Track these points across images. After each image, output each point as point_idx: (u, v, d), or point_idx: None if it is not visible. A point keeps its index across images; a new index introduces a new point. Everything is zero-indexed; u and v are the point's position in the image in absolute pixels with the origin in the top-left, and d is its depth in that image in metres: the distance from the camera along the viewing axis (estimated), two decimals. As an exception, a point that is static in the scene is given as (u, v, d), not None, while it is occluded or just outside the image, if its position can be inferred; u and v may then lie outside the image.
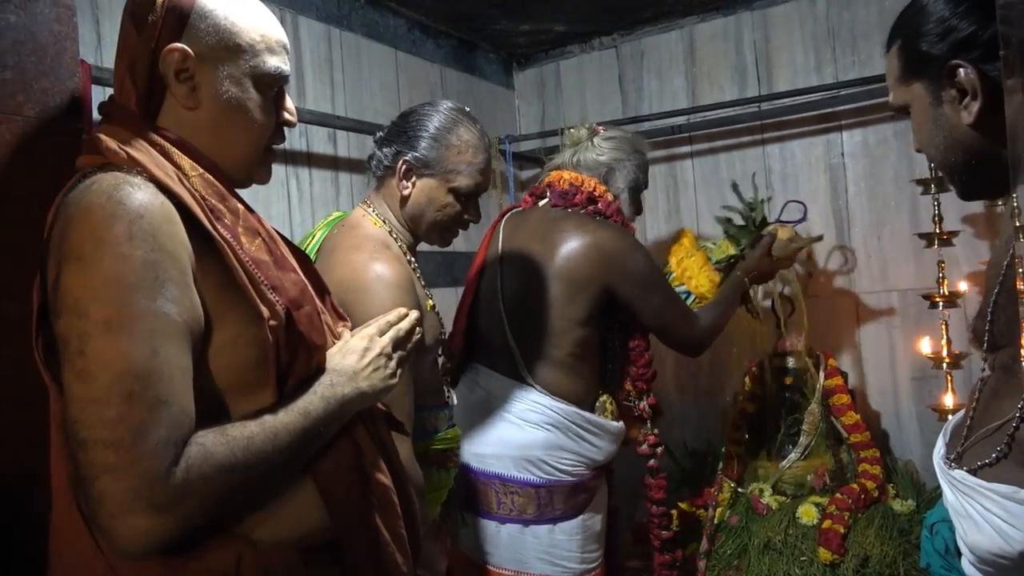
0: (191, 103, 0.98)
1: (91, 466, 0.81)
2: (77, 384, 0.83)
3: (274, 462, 0.92)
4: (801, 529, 2.18)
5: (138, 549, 0.83)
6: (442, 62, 2.88)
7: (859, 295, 2.63)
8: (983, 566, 0.97)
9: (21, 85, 1.09)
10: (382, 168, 1.62)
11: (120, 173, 0.89)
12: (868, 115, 2.58)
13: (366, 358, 1.06)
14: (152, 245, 0.85)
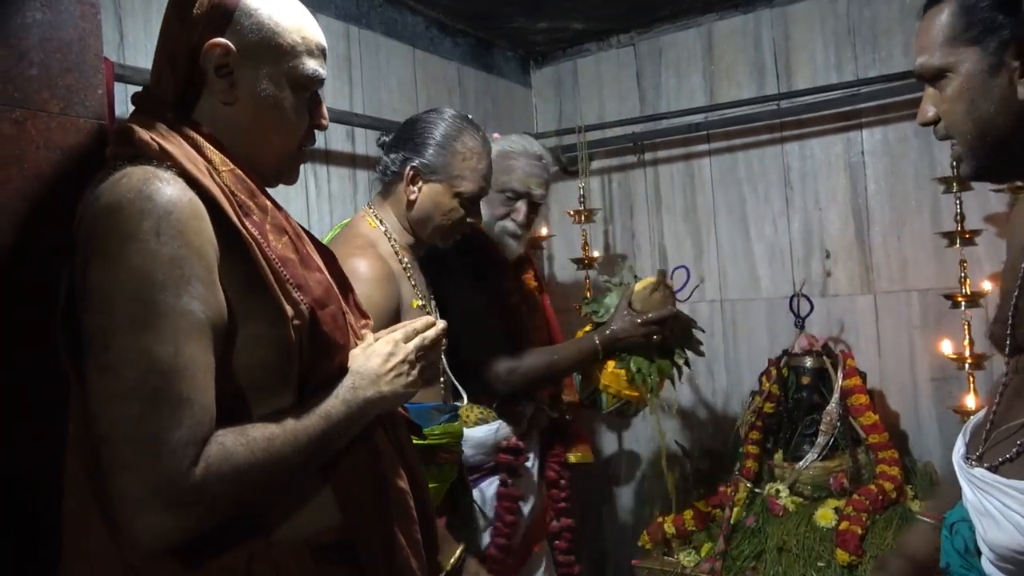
0: (229, 99, 0.99)
1: (111, 462, 0.82)
2: (101, 379, 0.83)
3: (293, 464, 0.93)
4: (818, 532, 2.16)
5: (154, 546, 0.83)
6: (460, 60, 2.89)
7: (878, 295, 2.61)
8: (1003, 564, 0.96)
9: (46, 81, 1.10)
10: (389, 174, 1.71)
11: (150, 167, 0.90)
12: (889, 113, 2.55)
13: (390, 363, 1.06)
14: (180, 242, 0.86)
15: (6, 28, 1.06)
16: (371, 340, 1.12)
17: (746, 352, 2.84)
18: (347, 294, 1.16)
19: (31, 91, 1.08)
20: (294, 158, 1.08)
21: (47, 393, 1.02)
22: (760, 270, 2.80)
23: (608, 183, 3.14)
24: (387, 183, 1.72)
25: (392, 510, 1.04)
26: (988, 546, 0.97)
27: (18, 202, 1.05)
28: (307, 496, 0.99)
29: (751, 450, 2.44)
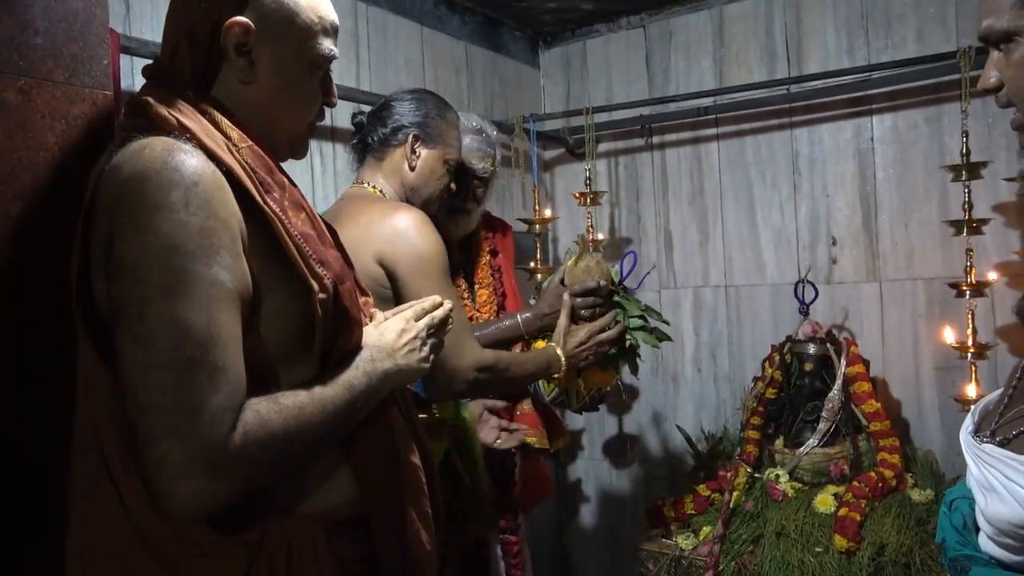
0: (248, 78, 0.99)
1: (151, 430, 0.82)
2: (136, 349, 0.84)
3: (322, 431, 0.94)
4: (817, 517, 2.17)
5: (195, 512, 0.85)
6: (467, 39, 2.87)
7: (884, 283, 2.60)
8: (1003, 538, 0.96)
9: (51, 50, 1.10)
10: (377, 143, 1.76)
11: (170, 139, 0.90)
12: (899, 99, 2.53)
13: (403, 338, 1.09)
14: (207, 212, 0.86)
15: (11, -4, 1.05)
16: (381, 318, 1.14)
17: (750, 338, 2.84)
18: (352, 271, 1.17)
19: (36, 60, 1.08)
20: (305, 135, 1.09)
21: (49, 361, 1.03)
22: (766, 256, 2.79)
23: (615, 166, 3.12)
24: (376, 153, 1.76)
25: (405, 485, 1.06)
26: (989, 521, 0.98)
27: (23, 171, 1.05)
28: (324, 471, 1.00)
29: (752, 435, 2.44)
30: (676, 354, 3.00)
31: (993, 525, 0.97)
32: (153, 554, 0.88)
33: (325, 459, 1.00)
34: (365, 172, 1.78)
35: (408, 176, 1.75)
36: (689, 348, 2.97)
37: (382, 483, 1.03)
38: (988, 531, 0.99)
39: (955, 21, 2.43)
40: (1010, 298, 2.32)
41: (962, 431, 1.06)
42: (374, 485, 1.02)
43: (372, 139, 1.76)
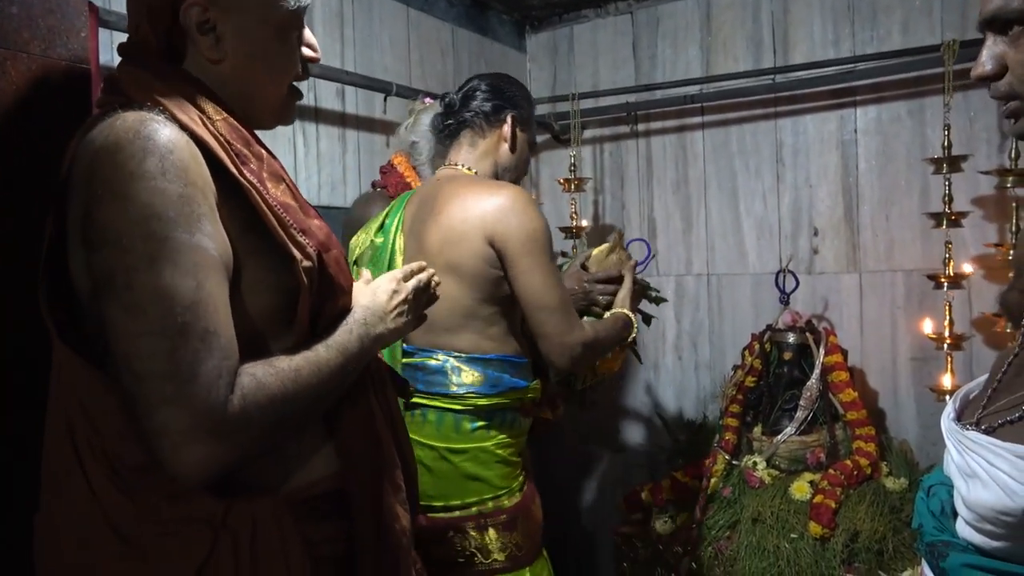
0: (216, 55, 0.97)
1: (149, 398, 0.81)
2: (127, 318, 0.82)
3: (318, 394, 0.94)
4: (793, 504, 2.20)
5: (199, 477, 0.84)
6: (454, 21, 2.84)
7: (864, 274, 2.62)
8: (983, 524, 0.97)
9: (27, 21, 1.07)
10: (479, 123, 1.77)
11: (143, 111, 0.88)
12: (883, 91, 2.54)
13: (394, 300, 1.10)
14: (185, 180, 0.85)
15: (-14, -36, 1.02)
16: (368, 276, 1.15)
17: (730, 326, 2.86)
18: None
19: (11, 30, 1.05)
20: (289, 98, 1.07)
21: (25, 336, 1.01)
22: (748, 245, 2.81)
23: (600, 152, 3.12)
24: (472, 133, 1.78)
25: (384, 464, 1.06)
26: (971, 507, 0.98)
27: (-3, 144, 1.03)
28: (306, 443, 1.00)
29: (731, 423, 2.46)
30: (657, 341, 3.01)
31: (974, 511, 0.97)
32: (119, 535, 0.87)
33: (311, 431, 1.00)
34: (456, 153, 1.79)
35: (504, 157, 1.79)
36: (670, 336, 2.99)
37: (362, 458, 1.03)
38: (968, 517, 0.99)
39: (940, 14, 2.44)
40: (987, 290, 2.35)
41: (944, 418, 1.06)
42: (354, 460, 1.02)
43: (471, 118, 1.77)
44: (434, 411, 1.63)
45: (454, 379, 1.63)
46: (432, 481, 1.60)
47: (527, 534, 1.67)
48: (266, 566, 0.91)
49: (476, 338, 1.65)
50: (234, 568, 0.89)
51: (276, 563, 0.91)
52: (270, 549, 0.91)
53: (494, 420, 1.65)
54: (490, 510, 1.62)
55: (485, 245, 1.58)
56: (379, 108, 2.46)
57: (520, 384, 1.68)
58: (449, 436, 1.62)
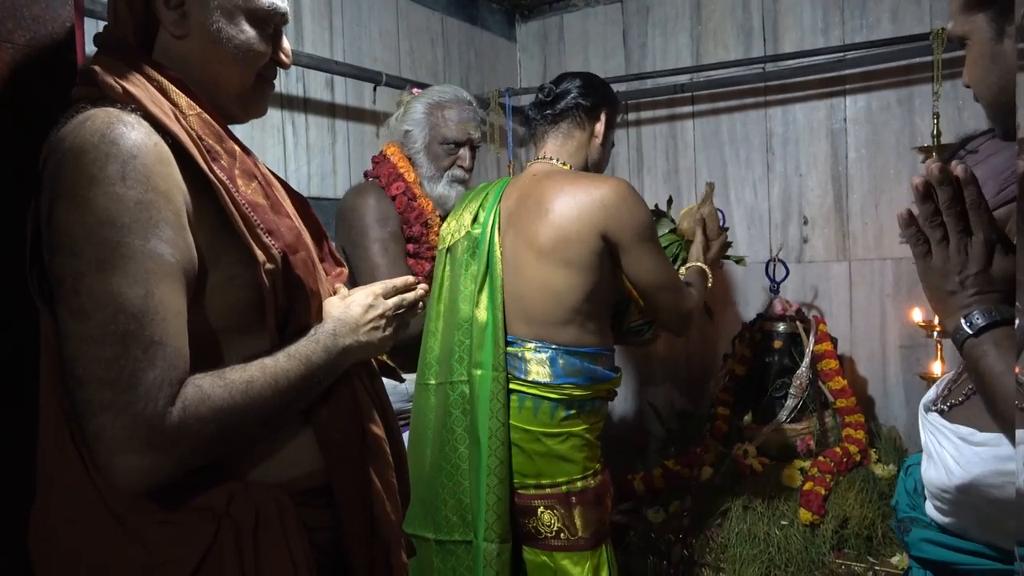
0: (180, 31, 0.96)
1: (88, 404, 0.81)
2: (72, 323, 0.82)
3: (273, 406, 0.92)
4: (783, 491, 2.22)
5: (134, 487, 0.83)
6: (444, 11, 2.83)
7: (854, 262, 2.64)
8: (934, 501, 1.04)
9: (11, 10, 1.06)
10: (580, 117, 1.86)
11: (114, 110, 0.88)
12: (873, 80, 2.55)
13: (369, 314, 1.07)
14: (146, 186, 0.84)
15: (-32, -48, 1.01)
16: (346, 292, 1.12)
17: (721, 315, 2.87)
18: (322, 241, 1.15)
19: (-5, 20, 1.04)
20: (256, 90, 1.05)
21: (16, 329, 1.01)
22: (738, 234, 2.81)
23: (590, 142, 3.11)
24: (567, 127, 1.87)
25: (369, 455, 1.05)
26: (926, 485, 1.04)
27: (-18, 136, 1.02)
28: (289, 440, 0.99)
29: (722, 411, 2.48)
30: (648, 331, 3.02)
31: (928, 489, 1.04)
32: (120, 523, 0.87)
33: (289, 429, 0.99)
34: (548, 147, 1.88)
35: (595, 152, 1.89)
36: (661, 325, 3.00)
37: (346, 452, 1.02)
38: (927, 494, 1.06)
39: (929, 3, 2.44)
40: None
41: (922, 400, 1.11)
42: (337, 454, 1.01)
43: (569, 113, 1.86)
44: (531, 398, 1.73)
45: (553, 370, 1.72)
46: (526, 461, 1.72)
47: (603, 512, 1.80)
48: (268, 554, 0.91)
49: (577, 332, 1.74)
50: (237, 557, 0.89)
51: (279, 551, 0.92)
52: (272, 538, 0.92)
53: (584, 408, 1.76)
54: (578, 489, 1.74)
55: (599, 239, 1.68)
56: (369, 98, 2.45)
57: (610, 375, 1.81)
58: (544, 422, 1.73)
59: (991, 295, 0.86)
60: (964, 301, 0.86)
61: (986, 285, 0.86)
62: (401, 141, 2.13)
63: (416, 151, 2.10)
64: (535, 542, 1.75)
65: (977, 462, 0.93)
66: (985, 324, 0.84)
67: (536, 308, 1.73)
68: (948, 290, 0.88)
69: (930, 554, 1.05)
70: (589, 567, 1.74)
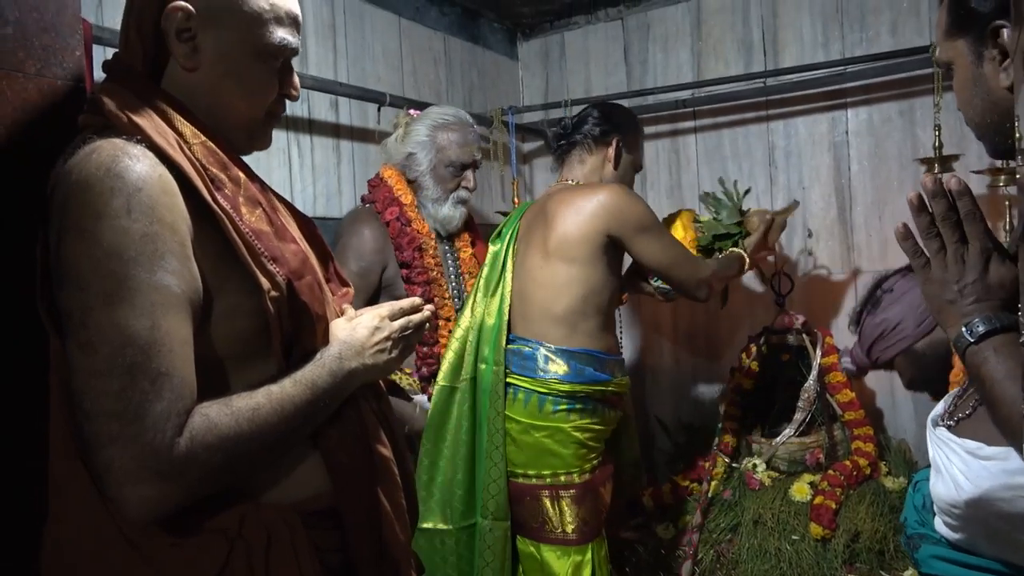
0: (190, 64, 0.97)
1: (96, 436, 0.82)
2: (81, 356, 0.83)
3: (280, 432, 0.93)
4: (794, 506, 2.20)
5: (143, 517, 0.84)
6: (446, 30, 2.85)
7: (858, 274, 2.63)
8: (944, 516, 1.04)
9: (22, 41, 1.07)
10: (589, 144, 2.06)
11: (119, 141, 0.89)
12: (874, 93, 2.56)
13: (375, 336, 1.07)
14: (151, 218, 0.85)
15: (-20, -15, 1.03)
16: (352, 314, 1.12)
17: (727, 329, 2.87)
18: (327, 262, 1.16)
19: (6, 51, 1.05)
20: (263, 124, 1.06)
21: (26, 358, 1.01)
22: (743, 248, 2.81)
23: (593, 158, 3.12)
24: (582, 153, 2.07)
25: (377, 477, 1.05)
26: (934, 500, 1.04)
27: (-7, 165, 1.03)
28: (298, 463, 0.99)
29: (729, 425, 2.47)
30: (654, 345, 3.02)
31: (937, 504, 1.03)
32: (133, 545, 0.88)
33: (301, 451, 1.00)
34: (567, 171, 2.10)
35: (608, 174, 2.06)
36: (667, 339, 3.00)
37: (353, 475, 1.03)
38: (936, 510, 1.05)
39: (928, 15, 2.46)
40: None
41: (930, 415, 1.11)
42: (345, 476, 1.02)
43: (581, 140, 2.06)
44: (524, 391, 1.88)
45: (542, 365, 1.88)
46: (517, 451, 1.88)
47: (593, 511, 1.89)
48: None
49: (569, 332, 1.90)
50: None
51: (290, 573, 0.92)
52: (284, 559, 0.92)
53: (575, 406, 1.87)
54: (562, 483, 1.85)
55: (604, 237, 1.87)
56: (373, 119, 2.47)
57: (601, 377, 1.90)
58: (534, 414, 1.87)
59: (990, 302, 0.87)
60: (964, 309, 0.89)
61: (984, 293, 0.87)
62: (403, 164, 2.15)
63: (421, 173, 2.12)
64: (523, 530, 1.89)
65: (986, 476, 0.93)
66: (985, 331, 0.86)
67: (535, 307, 1.92)
68: (947, 299, 0.90)
69: (940, 571, 1.05)
70: (571, 563, 1.84)
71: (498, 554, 1.84)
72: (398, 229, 2.08)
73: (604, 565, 1.90)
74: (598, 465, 1.92)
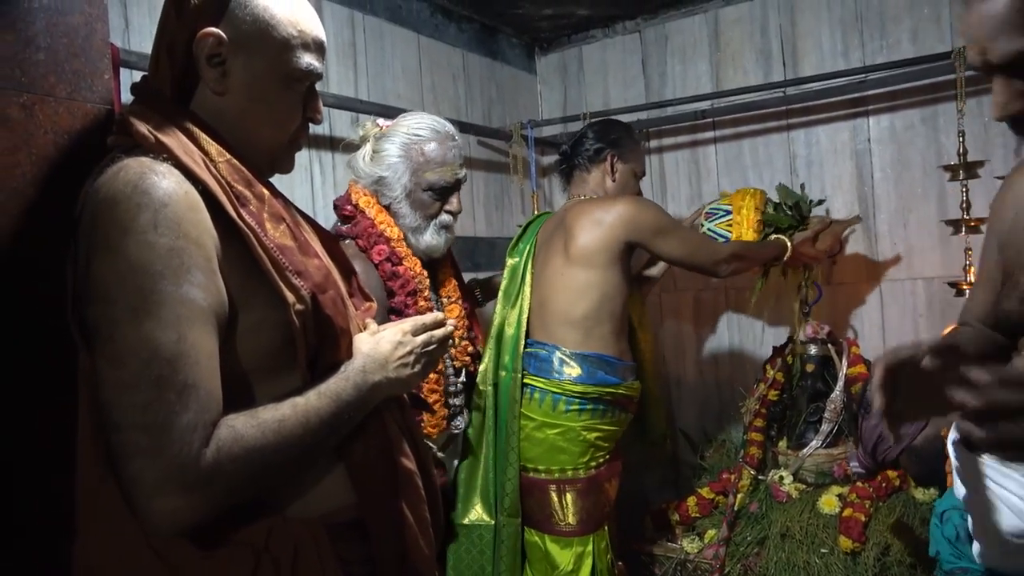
0: (219, 88, 0.99)
1: (124, 448, 0.83)
2: (108, 369, 0.85)
3: (305, 444, 0.94)
4: (822, 519, 2.17)
5: (171, 529, 0.85)
6: (464, 47, 2.88)
7: (884, 283, 2.61)
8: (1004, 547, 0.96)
9: (53, 66, 1.10)
10: (584, 163, 2.19)
11: (146, 159, 0.91)
12: (896, 100, 2.54)
13: (398, 351, 1.09)
14: (177, 233, 0.87)
15: (13, 13, 1.05)
16: (375, 328, 1.14)
17: (751, 339, 2.85)
18: (349, 277, 1.17)
19: (38, 76, 1.08)
20: (287, 149, 1.09)
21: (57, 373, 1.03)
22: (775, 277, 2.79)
23: (613, 170, 3.12)
24: (583, 171, 2.20)
25: (401, 490, 1.06)
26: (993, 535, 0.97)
27: (27, 186, 1.06)
28: (322, 475, 1.00)
29: (755, 437, 2.44)
30: (678, 357, 3.00)
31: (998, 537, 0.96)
32: (161, 556, 0.89)
33: (326, 463, 1.01)
34: (575, 189, 2.23)
35: (609, 188, 2.18)
36: (691, 351, 2.98)
37: (377, 487, 1.04)
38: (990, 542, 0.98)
39: (949, 21, 2.44)
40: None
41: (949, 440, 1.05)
42: (369, 489, 1.03)
43: (579, 161, 2.20)
44: (539, 391, 2.00)
45: (557, 368, 2.00)
46: (530, 447, 1.99)
47: (597, 504, 2.00)
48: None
49: (583, 337, 2.01)
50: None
51: None
52: (310, 572, 0.93)
53: (587, 406, 1.99)
54: (569, 478, 1.98)
55: (623, 244, 2.00)
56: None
57: (612, 380, 2.01)
58: (548, 413, 1.99)
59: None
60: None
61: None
62: (374, 188, 1.79)
63: (396, 199, 1.78)
64: (531, 522, 1.99)
65: None
66: None
67: (554, 312, 2.03)
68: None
69: None
70: (573, 554, 1.95)
71: (511, 550, 1.94)
72: (388, 272, 1.74)
73: (604, 556, 2.01)
74: (605, 462, 2.04)
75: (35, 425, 1.06)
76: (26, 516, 1.05)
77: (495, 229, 2.95)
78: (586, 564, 1.96)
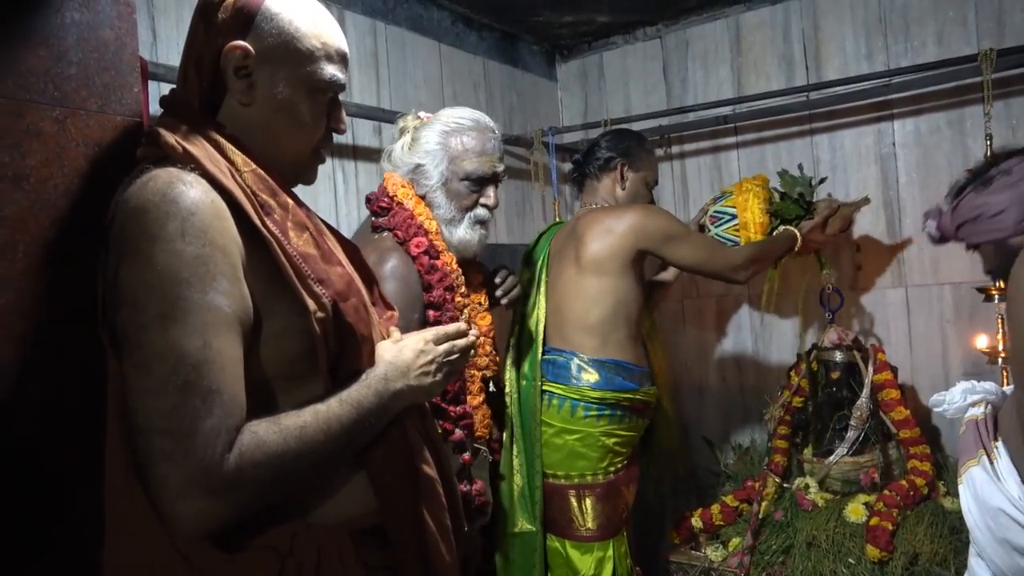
0: (246, 100, 1.02)
1: (150, 453, 0.85)
2: (135, 375, 0.87)
3: (326, 450, 0.95)
4: (849, 527, 2.14)
5: (195, 532, 0.87)
6: (485, 55, 2.89)
7: (910, 288, 2.57)
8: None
9: (84, 80, 1.12)
10: (594, 173, 2.24)
11: (174, 169, 0.93)
12: (921, 103, 2.51)
13: (420, 360, 1.09)
14: (203, 241, 0.89)
15: (46, 28, 1.08)
16: (398, 336, 1.15)
17: (776, 346, 2.82)
18: (371, 286, 1.18)
19: (70, 90, 1.10)
20: (310, 160, 1.11)
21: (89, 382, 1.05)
22: (789, 263, 2.77)
23: (634, 177, 3.12)
24: (594, 181, 2.24)
25: (422, 497, 1.07)
26: None
27: (59, 198, 1.08)
28: (344, 482, 1.01)
29: (780, 445, 2.42)
30: (701, 364, 2.99)
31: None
32: (187, 560, 0.90)
33: (348, 470, 1.02)
34: (587, 197, 2.27)
35: (620, 196, 2.22)
36: (714, 358, 2.96)
37: (398, 494, 1.04)
38: None
39: (975, 23, 2.41)
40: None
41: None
42: (390, 496, 1.04)
43: (590, 170, 2.24)
44: (558, 397, 2.03)
45: (575, 374, 2.04)
46: (550, 453, 2.02)
47: (616, 509, 2.05)
48: None
49: (600, 343, 2.04)
50: None
51: None
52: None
53: (604, 412, 2.02)
54: (588, 483, 2.01)
55: (635, 252, 2.03)
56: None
57: (629, 386, 2.05)
58: (566, 419, 2.02)
59: None
60: None
61: None
62: (410, 176, 1.76)
63: (431, 188, 1.73)
64: (552, 528, 2.02)
65: None
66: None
67: (570, 319, 2.07)
68: None
69: None
70: (594, 559, 1.98)
71: (539, 557, 1.97)
72: (427, 265, 1.68)
73: (624, 560, 2.04)
74: (623, 467, 2.08)
75: (68, 435, 1.08)
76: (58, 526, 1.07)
77: (516, 236, 2.96)
78: (607, 569, 1.99)
